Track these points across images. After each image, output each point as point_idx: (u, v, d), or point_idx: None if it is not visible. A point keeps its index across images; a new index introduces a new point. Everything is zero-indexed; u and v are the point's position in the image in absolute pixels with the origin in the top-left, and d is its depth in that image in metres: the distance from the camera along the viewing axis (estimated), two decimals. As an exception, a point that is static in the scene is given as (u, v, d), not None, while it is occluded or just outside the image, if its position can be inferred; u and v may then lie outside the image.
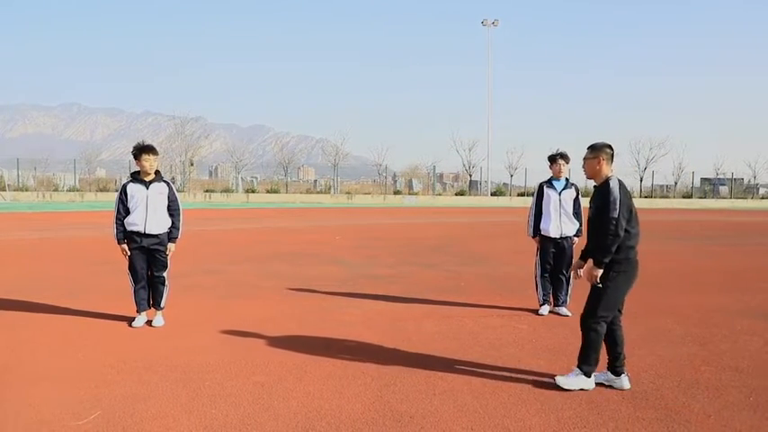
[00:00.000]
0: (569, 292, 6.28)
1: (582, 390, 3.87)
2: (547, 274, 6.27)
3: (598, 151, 4.01)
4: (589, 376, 3.90)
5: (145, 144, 5.50)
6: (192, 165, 54.87)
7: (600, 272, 3.86)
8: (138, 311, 5.61)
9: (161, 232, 5.53)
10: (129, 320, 5.59)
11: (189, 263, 9.31)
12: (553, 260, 6.23)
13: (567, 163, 6.28)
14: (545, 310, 6.20)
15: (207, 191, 47.88)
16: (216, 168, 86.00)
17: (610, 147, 4.05)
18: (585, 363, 3.91)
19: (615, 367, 3.97)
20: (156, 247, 5.52)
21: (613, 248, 3.82)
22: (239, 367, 4.29)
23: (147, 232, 5.45)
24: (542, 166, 6.50)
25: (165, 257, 5.62)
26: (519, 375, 4.19)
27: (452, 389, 3.91)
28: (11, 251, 11.73)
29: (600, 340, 3.93)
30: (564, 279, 6.23)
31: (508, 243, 14.12)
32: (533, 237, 6.38)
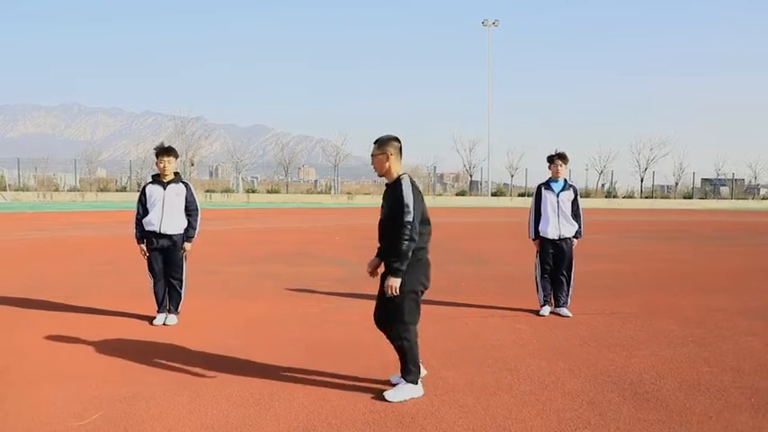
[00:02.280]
0: (570, 292, 6.28)
1: (411, 398, 3.70)
2: (547, 275, 6.27)
3: (385, 146, 3.74)
4: (416, 384, 3.75)
5: (164, 146, 5.67)
6: (192, 165, 54.90)
7: (398, 282, 3.59)
8: (159, 311, 5.66)
9: (177, 233, 5.60)
10: (150, 319, 5.65)
11: (189, 263, 9.27)
12: (553, 261, 6.22)
13: (566, 164, 6.26)
14: (546, 310, 6.20)
15: (207, 191, 47.88)
16: (216, 168, 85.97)
17: (397, 140, 3.79)
18: (409, 374, 3.73)
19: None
20: (171, 247, 5.60)
21: (410, 254, 3.56)
22: (240, 368, 4.29)
23: (162, 232, 5.53)
24: (543, 167, 6.49)
25: (181, 258, 5.68)
26: (520, 376, 4.19)
27: (454, 389, 3.91)
28: (11, 251, 11.73)
29: (414, 347, 3.75)
30: (564, 280, 6.22)
31: (509, 243, 14.11)
32: (533, 239, 6.37)
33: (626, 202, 50.32)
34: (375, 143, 3.82)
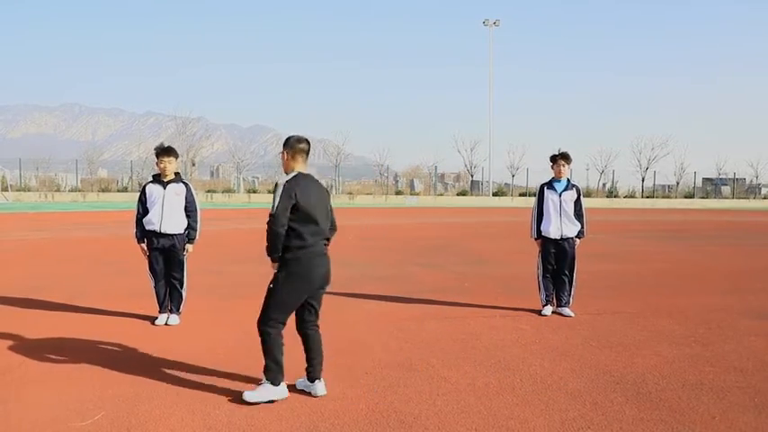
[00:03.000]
0: (572, 292, 6.27)
1: (272, 401, 3.62)
2: (549, 275, 6.26)
3: (287, 146, 3.89)
4: (277, 384, 3.67)
5: (164, 146, 5.68)
6: (193, 165, 54.98)
7: (275, 265, 3.74)
8: (161, 311, 5.67)
9: (177, 233, 5.61)
10: (152, 319, 5.66)
11: (190, 263, 9.26)
12: (555, 261, 6.21)
13: (569, 163, 6.25)
14: (548, 310, 6.19)
15: (208, 191, 47.92)
16: (217, 168, 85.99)
17: (301, 141, 3.88)
18: (266, 371, 3.70)
19: (308, 373, 3.85)
20: (171, 247, 5.60)
21: (277, 244, 3.64)
22: (242, 368, 4.29)
23: (162, 231, 5.53)
24: (544, 166, 6.48)
25: (182, 258, 5.68)
26: (523, 376, 4.18)
27: (456, 390, 3.91)
28: (12, 251, 11.74)
29: (274, 344, 3.71)
30: (566, 280, 6.22)
31: (510, 243, 14.11)
32: (536, 239, 6.36)
33: (627, 201, 50.35)
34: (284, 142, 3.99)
